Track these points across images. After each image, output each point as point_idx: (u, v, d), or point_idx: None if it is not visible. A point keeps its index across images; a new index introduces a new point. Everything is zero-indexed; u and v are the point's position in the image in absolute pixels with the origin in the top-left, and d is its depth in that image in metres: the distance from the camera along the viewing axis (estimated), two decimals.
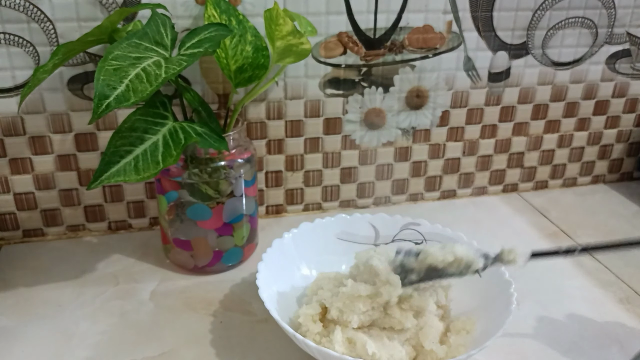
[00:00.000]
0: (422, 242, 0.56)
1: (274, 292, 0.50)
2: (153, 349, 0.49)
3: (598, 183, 0.82)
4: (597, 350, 0.50)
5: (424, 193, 0.75)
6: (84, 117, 0.60)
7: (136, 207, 0.66)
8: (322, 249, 0.56)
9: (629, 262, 0.62)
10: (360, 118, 0.68)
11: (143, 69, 0.44)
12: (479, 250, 0.46)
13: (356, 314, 0.45)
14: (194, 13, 0.58)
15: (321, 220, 0.57)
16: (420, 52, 0.66)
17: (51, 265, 0.60)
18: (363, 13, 0.62)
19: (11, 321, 0.52)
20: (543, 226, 0.70)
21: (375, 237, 0.58)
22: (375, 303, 0.46)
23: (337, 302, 0.46)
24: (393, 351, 0.45)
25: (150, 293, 0.56)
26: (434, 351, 0.45)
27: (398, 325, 0.46)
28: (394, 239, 0.57)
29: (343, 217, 0.58)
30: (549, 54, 0.70)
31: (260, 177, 0.68)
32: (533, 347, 0.50)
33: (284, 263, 0.53)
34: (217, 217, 0.56)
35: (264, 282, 0.48)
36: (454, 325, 0.47)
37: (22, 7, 0.54)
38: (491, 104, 0.71)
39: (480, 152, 0.74)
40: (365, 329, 0.47)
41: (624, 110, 0.77)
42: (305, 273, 0.55)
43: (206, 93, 0.62)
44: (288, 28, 0.51)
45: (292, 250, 0.55)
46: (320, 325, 0.47)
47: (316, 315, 0.47)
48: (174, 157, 0.46)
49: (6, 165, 0.61)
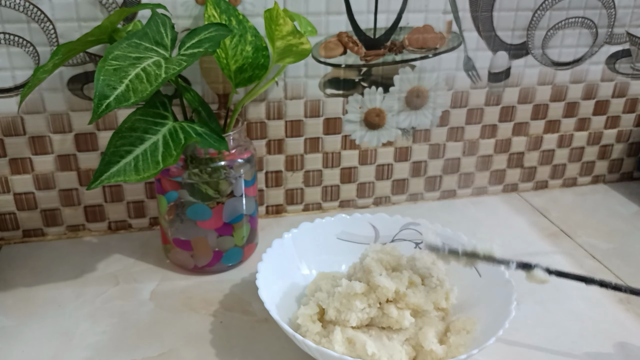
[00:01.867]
0: (422, 243, 0.56)
1: (274, 292, 0.50)
2: (153, 349, 0.49)
3: (598, 183, 0.82)
4: (597, 350, 0.50)
5: (424, 193, 0.75)
6: (84, 117, 0.60)
7: (136, 207, 0.66)
8: (322, 249, 0.56)
9: (629, 262, 0.62)
10: (360, 118, 0.68)
11: (143, 69, 0.44)
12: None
13: (354, 312, 0.45)
14: (194, 13, 0.58)
15: (321, 220, 0.57)
16: (420, 52, 0.66)
17: (51, 265, 0.60)
18: (363, 13, 0.62)
19: (11, 321, 0.52)
20: (543, 226, 0.70)
21: (375, 237, 0.58)
22: (372, 300, 0.46)
23: (333, 302, 0.46)
24: (393, 351, 0.45)
25: (150, 293, 0.56)
26: (433, 351, 0.45)
27: (396, 325, 0.46)
28: (394, 238, 0.57)
29: (343, 217, 0.58)
30: (549, 54, 0.70)
31: (260, 177, 0.68)
32: (533, 347, 0.50)
33: (283, 263, 0.53)
34: (217, 217, 0.56)
35: (263, 282, 0.48)
36: (453, 325, 0.47)
37: (22, 7, 0.54)
38: (491, 104, 0.71)
39: (480, 152, 0.74)
40: (365, 328, 0.47)
41: (624, 110, 0.77)
42: (305, 273, 0.55)
43: (206, 93, 0.62)
44: (288, 28, 0.51)
45: (292, 250, 0.55)
46: (319, 325, 0.47)
47: (315, 315, 0.47)
48: (174, 157, 0.46)
49: (6, 165, 0.61)
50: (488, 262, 0.48)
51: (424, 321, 0.47)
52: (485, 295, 0.49)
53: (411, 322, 0.46)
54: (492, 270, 0.50)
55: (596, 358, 0.49)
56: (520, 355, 0.49)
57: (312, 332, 0.46)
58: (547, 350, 0.50)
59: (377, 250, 0.50)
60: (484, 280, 0.50)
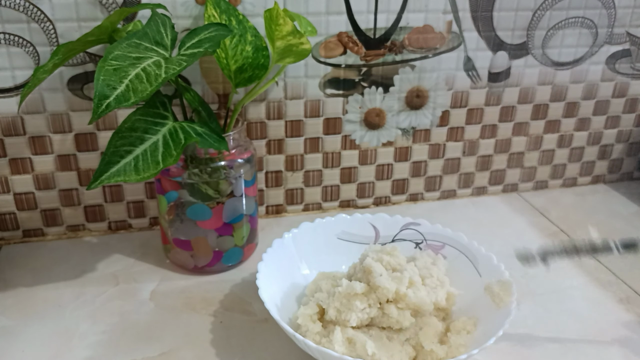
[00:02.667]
0: (422, 242, 0.56)
1: (274, 292, 0.50)
2: (153, 349, 0.49)
3: (598, 183, 0.82)
4: (597, 350, 0.50)
5: (424, 193, 0.75)
6: (84, 117, 0.60)
7: (136, 207, 0.66)
8: (323, 249, 0.56)
9: (628, 262, 0.62)
10: (360, 118, 0.68)
11: (143, 69, 0.44)
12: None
13: (354, 312, 0.45)
14: (194, 13, 0.58)
15: (321, 220, 0.57)
16: (420, 52, 0.66)
17: (51, 265, 0.60)
18: (363, 13, 0.62)
19: (11, 321, 0.52)
20: (543, 226, 0.70)
21: (376, 237, 0.58)
22: (372, 300, 0.46)
23: (334, 302, 0.46)
24: (393, 351, 0.45)
25: (150, 293, 0.56)
26: (434, 351, 0.45)
27: (396, 325, 0.46)
28: (394, 239, 0.57)
29: (343, 217, 0.58)
30: (549, 54, 0.70)
31: (260, 177, 0.68)
32: (533, 347, 0.50)
33: (284, 263, 0.53)
34: (217, 217, 0.56)
35: (264, 282, 0.48)
36: (454, 326, 0.47)
37: (22, 7, 0.54)
38: (491, 104, 0.71)
39: (480, 152, 0.74)
40: (365, 328, 0.47)
41: (624, 110, 0.77)
42: (305, 273, 0.55)
43: (206, 93, 0.62)
44: (288, 28, 0.51)
45: (292, 250, 0.55)
46: (319, 325, 0.47)
47: (315, 315, 0.47)
48: (174, 157, 0.46)
49: (6, 165, 0.61)
50: (591, 252, 0.47)
51: (424, 321, 0.47)
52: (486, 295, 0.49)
53: (411, 322, 0.46)
54: (492, 269, 0.50)
55: (596, 358, 0.49)
56: (520, 356, 0.49)
57: (312, 332, 0.46)
58: (547, 350, 0.50)
59: (377, 251, 0.50)
60: (484, 280, 0.50)
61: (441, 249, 0.55)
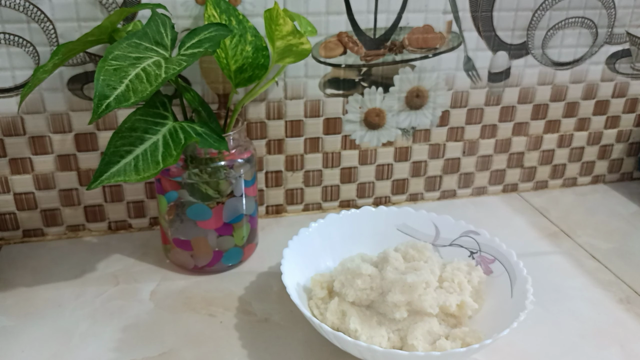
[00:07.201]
0: (477, 252, 0.55)
1: (295, 279, 0.51)
2: (153, 349, 0.49)
3: (598, 183, 0.82)
4: (597, 350, 0.50)
5: (424, 193, 0.75)
6: (84, 117, 0.60)
7: (136, 207, 0.66)
8: (376, 238, 0.57)
9: (629, 262, 0.62)
10: (360, 118, 0.68)
11: (143, 69, 0.44)
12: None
13: (353, 289, 0.48)
14: (194, 13, 0.58)
15: (384, 209, 0.59)
16: (420, 52, 0.66)
17: (51, 265, 0.60)
18: (363, 13, 0.62)
19: (11, 321, 0.52)
20: (543, 226, 0.70)
21: (435, 237, 0.58)
22: (375, 284, 0.48)
23: (340, 275, 0.50)
24: (375, 334, 0.46)
25: (150, 293, 0.56)
26: (414, 346, 0.45)
27: (390, 314, 0.47)
28: (452, 242, 0.57)
29: (408, 210, 0.59)
30: (549, 54, 0.70)
31: (260, 177, 0.68)
32: (533, 347, 0.50)
33: (308, 252, 0.54)
34: (217, 217, 0.56)
35: (287, 268, 0.49)
36: (453, 333, 0.47)
37: (22, 7, 0.54)
38: (491, 104, 0.71)
39: (480, 152, 0.74)
40: (364, 307, 0.49)
41: (624, 110, 0.77)
42: (330, 265, 0.56)
43: (206, 93, 0.62)
44: (288, 28, 0.51)
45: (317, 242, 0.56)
46: (325, 292, 0.51)
47: (324, 282, 0.51)
48: (174, 157, 0.46)
49: (6, 165, 0.61)
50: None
51: (422, 319, 0.47)
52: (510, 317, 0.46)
53: (403, 316, 0.47)
54: (522, 293, 0.48)
55: (596, 358, 0.49)
56: (521, 355, 0.49)
57: (317, 297, 0.50)
58: (547, 351, 0.50)
59: (409, 245, 0.52)
60: (514, 301, 0.49)
61: (492, 262, 0.54)
